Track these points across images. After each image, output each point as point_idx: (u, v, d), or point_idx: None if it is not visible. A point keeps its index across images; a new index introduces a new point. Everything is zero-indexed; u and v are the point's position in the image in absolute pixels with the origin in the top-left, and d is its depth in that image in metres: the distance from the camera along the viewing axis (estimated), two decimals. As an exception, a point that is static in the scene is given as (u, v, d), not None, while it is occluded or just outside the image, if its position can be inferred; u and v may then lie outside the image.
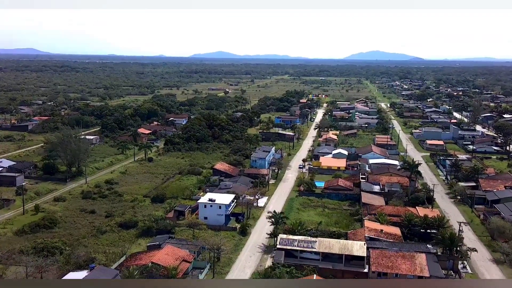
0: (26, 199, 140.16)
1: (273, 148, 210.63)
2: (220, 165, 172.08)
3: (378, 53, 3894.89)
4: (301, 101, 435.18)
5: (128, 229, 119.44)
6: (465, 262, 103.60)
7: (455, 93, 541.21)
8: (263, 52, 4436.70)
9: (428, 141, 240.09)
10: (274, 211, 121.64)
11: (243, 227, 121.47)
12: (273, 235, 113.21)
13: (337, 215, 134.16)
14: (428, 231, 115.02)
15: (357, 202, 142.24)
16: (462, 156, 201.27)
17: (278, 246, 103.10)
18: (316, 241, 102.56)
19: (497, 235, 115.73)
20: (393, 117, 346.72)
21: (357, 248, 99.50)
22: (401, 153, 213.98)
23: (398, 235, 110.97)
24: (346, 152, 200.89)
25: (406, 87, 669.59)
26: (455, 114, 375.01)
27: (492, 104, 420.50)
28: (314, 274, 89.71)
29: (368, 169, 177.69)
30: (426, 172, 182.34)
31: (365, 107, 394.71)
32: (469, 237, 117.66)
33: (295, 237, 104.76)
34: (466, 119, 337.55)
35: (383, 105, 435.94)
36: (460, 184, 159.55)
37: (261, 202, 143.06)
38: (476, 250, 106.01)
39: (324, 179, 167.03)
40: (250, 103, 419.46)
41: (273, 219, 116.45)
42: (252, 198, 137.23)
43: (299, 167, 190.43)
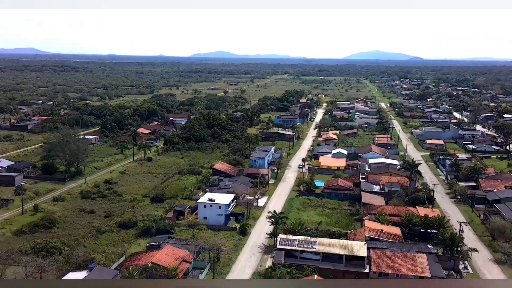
0: (25, 199, 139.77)
1: (273, 147, 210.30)
2: (219, 165, 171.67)
3: (378, 52, 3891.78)
4: (300, 100, 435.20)
5: (127, 229, 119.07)
6: (466, 262, 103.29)
7: (454, 93, 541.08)
8: (263, 52, 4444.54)
9: (428, 141, 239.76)
10: (274, 211, 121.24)
11: (243, 227, 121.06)
12: (273, 235, 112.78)
13: (337, 215, 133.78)
14: (429, 231, 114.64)
15: (357, 202, 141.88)
16: (462, 156, 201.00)
17: (278, 246, 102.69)
18: (316, 241, 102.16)
19: (497, 235, 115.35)
20: (393, 117, 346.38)
21: (358, 248, 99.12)
22: (401, 153, 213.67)
23: (398, 235, 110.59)
24: (346, 152, 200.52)
25: (406, 86, 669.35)
26: (455, 114, 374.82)
27: (492, 104, 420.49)
28: (315, 275, 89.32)
29: (368, 169, 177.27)
30: (426, 172, 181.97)
31: (365, 107, 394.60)
32: (469, 237, 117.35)
33: (295, 237, 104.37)
34: (466, 119, 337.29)
35: (383, 104, 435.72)
36: (460, 184, 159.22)
37: (261, 202, 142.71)
38: (477, 250, 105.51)
39: (324, 179, 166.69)
40: (250, 103, 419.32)
41: (273, 219, 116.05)
42: (251, 198, 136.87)
43: (299, 167, 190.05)
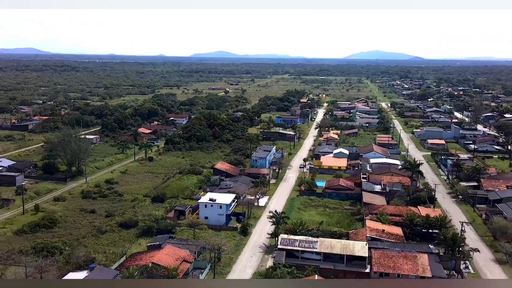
0: (26, 198, 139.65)
1: (274, 147, 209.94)
2: (220, 165, 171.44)
3: (378, 52, 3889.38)
4: (301, 100, 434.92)
5: (128, 229, 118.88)
6: (468, 263, 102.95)
7: (455, 93, 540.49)
8: (263, 52, 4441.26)
9: (429, 141, 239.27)
10: (275, 210, 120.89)
11: (244, 227, 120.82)
12: (274, 235, 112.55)
13: (338, 215, 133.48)
14: (430, 231, 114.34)
15: (358, 202, 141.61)
16: (464, 156, 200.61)
17: (279, 246, 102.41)
18: (317, 241, 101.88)
19: (499, 235, 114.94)
20: (393, 117, 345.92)
21: (359, 248, 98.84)
22: (402, 153, 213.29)
23: (399, 235, 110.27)
24: (347, 152, 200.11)
25: (407, 86, 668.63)
26: (456, 113, 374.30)
27: (493, 104, 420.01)
28: (316, 275, 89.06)
29: (369, 169, 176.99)
30: (427, 172, 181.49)
31: (366, 107, 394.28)
32: (471, 237, 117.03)
33: (296, 237, 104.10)
34: (467, 119, 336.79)
35: (384, 104, 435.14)
36: (461, 183, 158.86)
37: (262, 201, 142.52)
38: (479, 250, 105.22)
39: (325, 178, 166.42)
40: (251, 103, 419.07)
41: (274, 219, 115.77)
42: (252, 197, 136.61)
43: (300, 167, 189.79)
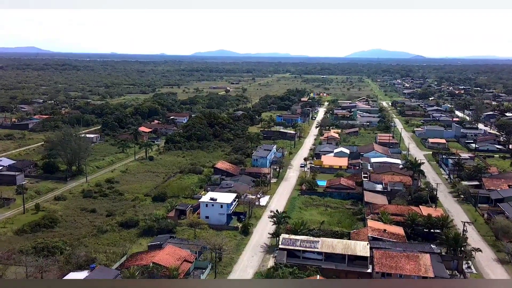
0: (26, 198, 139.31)
1: (275, 146, 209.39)
2: (221, 164, 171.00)
3: (379, 51, 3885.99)
4: (302, 99, 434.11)
5: (129, 228, 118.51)
6: (470, 262, 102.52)
7: (457, 92, 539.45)
8: (264, 51, 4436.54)
9: (430, 140, 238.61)
10: (277, 210, 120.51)
11: (244, 226, 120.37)
12: (275, 234, 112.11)
13: (339, 214, 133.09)
14: (432, 230, 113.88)
15: (360, 201, 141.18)
16: (465, 155, 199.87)
17: (280, 246, 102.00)
18: (318, 241, 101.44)
19: (501, 234, 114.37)
20: (394, 116, 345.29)
21: (360, 248, 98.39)
22: (403, 152, 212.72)
23: (401, 234, 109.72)
24: (348, 151, 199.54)
25: (408, 85, 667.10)
26: (457, 112, 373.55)
27: (494, 103, 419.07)
28: (318, 275, 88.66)
29: (370, 168, 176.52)
30: (428, 171, 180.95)
31: (367, 106, 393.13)
32: (473, 237, 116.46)
33: (297, 237, 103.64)
34: (468, 118, 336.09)
35: (385, 103, 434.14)
36: (463, 183, 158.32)
37: (263, 201, 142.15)
38: (481, 250, 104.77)
39: (326, 178, 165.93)
40: (251, 102, 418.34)
41: (275, 219, 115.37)
42: (253, 197, 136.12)
43: (301, 166, 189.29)
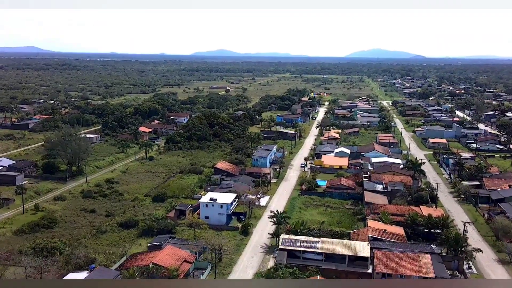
0: (26, 198, 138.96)
1: (275, 146, 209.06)
2: (221, 164, 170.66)
3: (379, 51, 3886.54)
4: (302, 99, 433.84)
5: (128, 228, 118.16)
6: (470, 263, 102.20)
7: (457, 91, 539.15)
8: (264, 50, 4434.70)
9: (431, 140, 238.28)
10: (277, 210, 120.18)
11: (244, 226, 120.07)
12: (275, 235, 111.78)
13: (339, 214, 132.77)
14: (432, 231, 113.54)
15: (360, 201, 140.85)
16: (465, 155, 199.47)
17: (280, 247, 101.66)
18: (318, 241, 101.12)
19: (502, 235, 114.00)
20: (395, 116, 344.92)
21: (361, 248, 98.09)
22: (404, 152, 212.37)
23: (401, 235, 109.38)
24: (348, 151, 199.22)
25: (408, 85, 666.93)
26: (458, 112, 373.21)
27: (495, 102, 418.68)
28: (318, 276, 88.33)
29: (370, 168, 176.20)
30: (429, 171, 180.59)
31: (367, 106, 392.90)
32: (473, 237, 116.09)
33: (297, 237, 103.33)
34: (468, 117, 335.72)
35: (385, 103, 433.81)
36: (464, 183, 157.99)
37: (263, 201, 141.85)
38: (481, 251, 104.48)
39: (326, 178, 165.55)
40: (252, 102, 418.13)
41: (275, 219, 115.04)
42: (253, 197, 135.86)
43: (301, 166, 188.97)
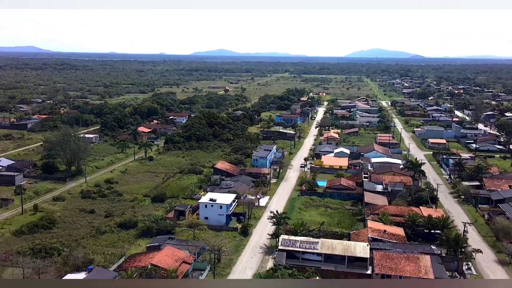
0: (25, 198, 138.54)
1: (274, 147, 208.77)
2: (221, 164, 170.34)
3: (378, 50, 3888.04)
4: (301, 99, 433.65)
5: (127, 229, 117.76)
6: (470, 264, 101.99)
7: (456, 91, 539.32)
8: (263, 50, 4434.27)
9: (431, 140, 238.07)
10: (276, 211, 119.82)
11: (244, 227, 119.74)
12: (274, 235, 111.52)
13: (339, 215, 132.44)
14: (432, 231, 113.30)
15: (360, 202, 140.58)
16: (465, 155, 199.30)
17: (279, 247, 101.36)
18: (318, 242, 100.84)
19: (502, 235, 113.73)
20: (394, 116, 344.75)
21: (360, 249, 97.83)
22: (404, 152, 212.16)
23: (401, 235, 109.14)
24: (348, 151, 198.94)
25: (407, 85, 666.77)
26: (457, 112, 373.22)
27: (494, 102, 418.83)
28: (317, 276, 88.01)
29: (370, 168, 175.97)
30: (429, 171, 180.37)
31: (366, 106, 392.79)
32: (473, 237, 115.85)
33: (297, 238, 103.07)
34: (467, 118, 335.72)
35: (384, 103, 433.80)
36: (463, 183, 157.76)
37: (263, 201, 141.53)
38: (481, 251, 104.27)
39: (326, 178, 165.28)
40: (251, 101, 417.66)
41: (274, 220, 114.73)
42: (253, 197, 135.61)
43: (301, 166, 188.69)
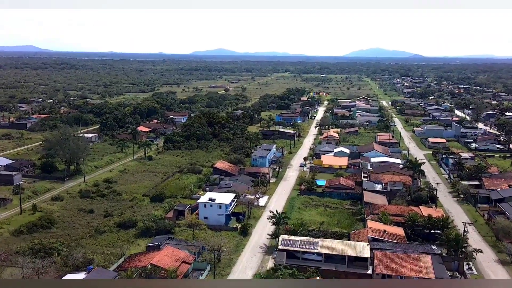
0: (24, 198, 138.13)
1: (274, 146, 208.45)
2: (220, 164, 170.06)
3: (378, 50, 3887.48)
4: (301, 98, 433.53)
5: (127, 229, 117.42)
6: (471, 263, 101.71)
7: (456, 91, 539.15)
8: (263, 50, 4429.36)
9: (430, 139, 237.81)
10: (276, 210, 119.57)
11: (243, 227, 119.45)
12: (274, 235, 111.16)
13: (339, 214, 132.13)
14: (432, 231, 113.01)
15: (359, 201, 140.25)
16: (465, 155, 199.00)
17: (279, 247, 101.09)
18: (318, 242, 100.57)
19: (502, 235, 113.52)
20: (394, 115, 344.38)
21: (360, 249, 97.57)
22: (403, 151, 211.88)
23: (401, 235, 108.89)
24: (347, 151, 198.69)
25: (407, 84, 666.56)
26: (457, 111, 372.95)
27: (494, 102, 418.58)
28: (317, 276, 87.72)
29: (370, 168, 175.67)
30: (428, 171, 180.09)
31: (366, 105, 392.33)
32: (473, 237, 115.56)
33: (297, 238, 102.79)
34: (468, 117, 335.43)
35: (384, 102, 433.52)
36: (463, 182, 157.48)
37: (262, 201, 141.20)
38: (482, 251, 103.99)
39: (326, 177, 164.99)
40: (251, 101, 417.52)
41: (274, 219, 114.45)
42: (252, 197, 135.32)
43: (300, 166, 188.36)
